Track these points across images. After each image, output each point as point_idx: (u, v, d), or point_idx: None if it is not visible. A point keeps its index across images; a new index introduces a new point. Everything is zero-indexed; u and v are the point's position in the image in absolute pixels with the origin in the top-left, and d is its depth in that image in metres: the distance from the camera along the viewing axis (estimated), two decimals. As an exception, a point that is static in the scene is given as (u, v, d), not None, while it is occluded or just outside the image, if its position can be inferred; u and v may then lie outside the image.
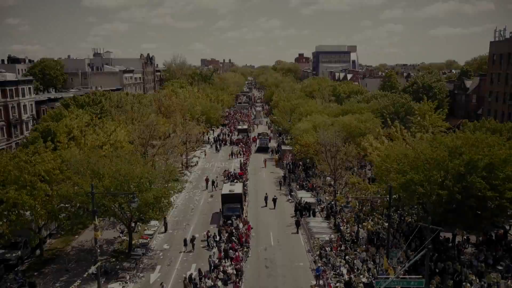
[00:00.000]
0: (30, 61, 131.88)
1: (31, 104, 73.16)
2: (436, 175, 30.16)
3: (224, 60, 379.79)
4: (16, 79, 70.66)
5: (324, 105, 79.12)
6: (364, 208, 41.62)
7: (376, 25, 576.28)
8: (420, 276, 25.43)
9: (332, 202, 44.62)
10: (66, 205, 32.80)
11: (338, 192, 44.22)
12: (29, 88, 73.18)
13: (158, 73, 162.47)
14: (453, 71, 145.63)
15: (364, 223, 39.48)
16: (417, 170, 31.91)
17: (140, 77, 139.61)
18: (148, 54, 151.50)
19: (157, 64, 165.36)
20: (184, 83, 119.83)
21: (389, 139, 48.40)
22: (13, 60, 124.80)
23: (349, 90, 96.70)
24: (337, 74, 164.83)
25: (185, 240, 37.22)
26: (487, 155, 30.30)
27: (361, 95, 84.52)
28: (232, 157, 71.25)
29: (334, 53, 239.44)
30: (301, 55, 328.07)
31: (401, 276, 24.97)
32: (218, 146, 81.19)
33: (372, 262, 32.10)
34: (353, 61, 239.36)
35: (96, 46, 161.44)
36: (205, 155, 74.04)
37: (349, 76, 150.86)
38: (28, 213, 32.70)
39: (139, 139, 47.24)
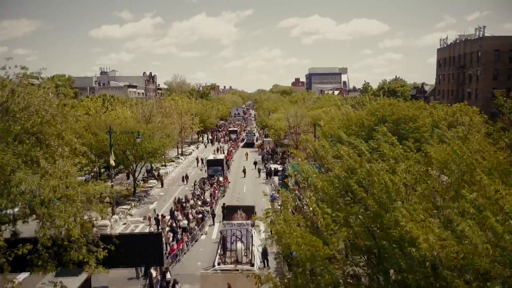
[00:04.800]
0: (42, 78, 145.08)
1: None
2: (354, 129, 41.72)
3: (224, 86, 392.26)
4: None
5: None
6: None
7: (376, 53, 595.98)
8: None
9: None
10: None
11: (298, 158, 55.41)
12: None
13: (160, 91, 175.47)
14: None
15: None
16: (346, 128, 43.47)
17: (143, 93, 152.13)
18: (151, 73, 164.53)
19: (158, 84, 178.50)
20: (183, 97, 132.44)
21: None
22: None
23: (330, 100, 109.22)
24: (326, 92, 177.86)
25: (182, 177, 52.02)
26: (394, 113, 41.88)
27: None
28: (218, 151, 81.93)
29: (326, 74, 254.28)
30: (297, 79, 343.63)
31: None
32: (212, 142, 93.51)
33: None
34: (344, 82, 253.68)
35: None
36: (197, 148, 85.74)
37: (336, 92, 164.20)
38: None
39: (142, 112, 58.47)
